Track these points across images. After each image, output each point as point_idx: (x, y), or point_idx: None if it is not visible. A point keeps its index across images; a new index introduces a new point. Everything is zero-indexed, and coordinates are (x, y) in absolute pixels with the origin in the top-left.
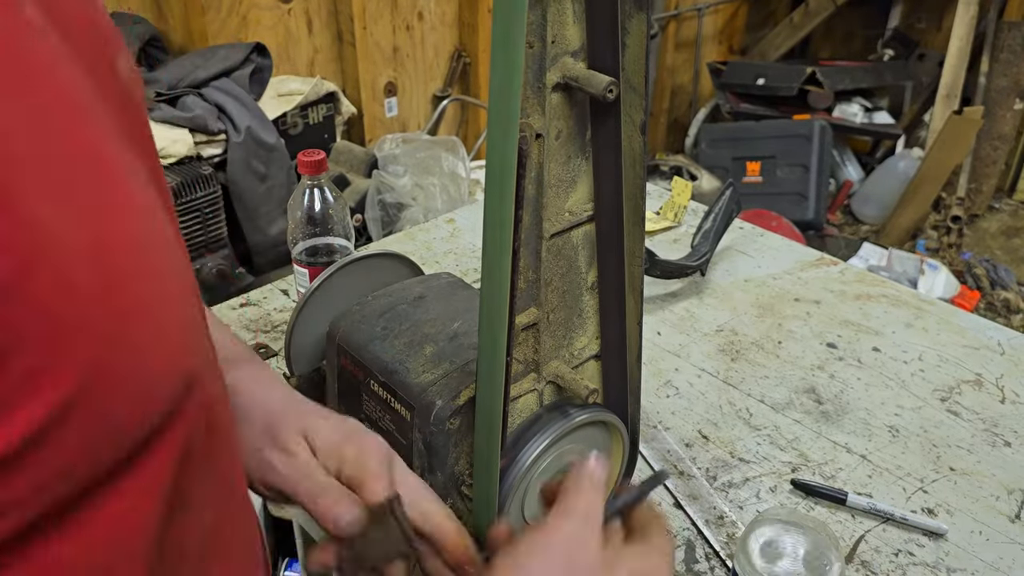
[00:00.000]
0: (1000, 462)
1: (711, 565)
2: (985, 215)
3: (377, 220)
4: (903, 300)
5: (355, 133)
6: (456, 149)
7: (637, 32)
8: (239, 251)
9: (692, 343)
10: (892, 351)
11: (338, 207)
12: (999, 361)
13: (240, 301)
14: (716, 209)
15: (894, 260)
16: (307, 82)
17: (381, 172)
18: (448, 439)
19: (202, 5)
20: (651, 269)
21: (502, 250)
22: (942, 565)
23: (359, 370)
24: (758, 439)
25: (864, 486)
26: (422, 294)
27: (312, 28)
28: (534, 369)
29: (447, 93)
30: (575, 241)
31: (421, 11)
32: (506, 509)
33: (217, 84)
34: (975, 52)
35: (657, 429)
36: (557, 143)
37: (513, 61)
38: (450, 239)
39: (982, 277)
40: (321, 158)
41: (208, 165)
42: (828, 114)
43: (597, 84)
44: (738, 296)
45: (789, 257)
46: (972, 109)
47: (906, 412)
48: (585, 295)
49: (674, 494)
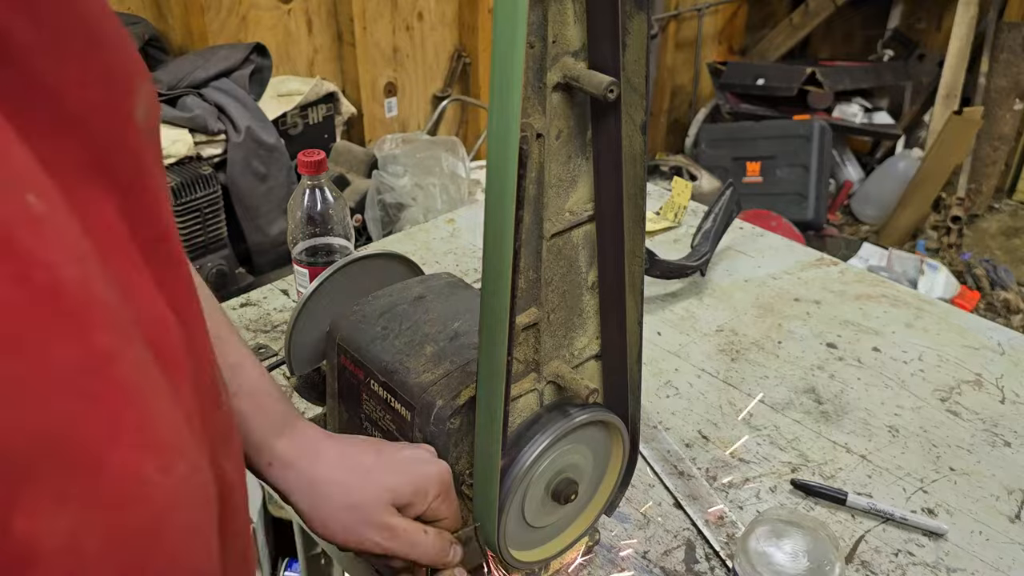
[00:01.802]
0: (1000, 462)
1: (711, 565)
2: (985, 215)
3: (377, 220)
4: (903, 300)
5: (355, 133)
6: (456, 149)
7: (638, 32)
8: (239, 251)
9: (692, 343)
10: (892, 351)
11: (338, 207)
12: (999, 361)
13: (240, 301)
14: (716, 209)
15: (894, 260)
16: (307, 82)
17: (381, 172)
18: (448, 439)
19: (202, 5)
20: (651, 269)
21: (502, 250)
22: (942, 565)
23: (359, 370)
24: (758, 439)
25: (864, 486)
26: (422, 294)
27: (312, 28)
28: (534, 369)
29: (447, 93)
30: (575, 241)
31: (421, 11)
32: (506, 509)
33: (217, 84)
34: (975, 52)
35: (657, 429)
36: (558, 143)
37: (514, 61)
38: (450, 239)
39: (982, 277)
40: (321, 158)
41: (208, 165)
42: (828, 114)
43: (598, 84)
44: (738, 296)
45: (789, 257)
46: (972, 109)
47: (906, 412)
48: (585, 295)
49: (674, 494)
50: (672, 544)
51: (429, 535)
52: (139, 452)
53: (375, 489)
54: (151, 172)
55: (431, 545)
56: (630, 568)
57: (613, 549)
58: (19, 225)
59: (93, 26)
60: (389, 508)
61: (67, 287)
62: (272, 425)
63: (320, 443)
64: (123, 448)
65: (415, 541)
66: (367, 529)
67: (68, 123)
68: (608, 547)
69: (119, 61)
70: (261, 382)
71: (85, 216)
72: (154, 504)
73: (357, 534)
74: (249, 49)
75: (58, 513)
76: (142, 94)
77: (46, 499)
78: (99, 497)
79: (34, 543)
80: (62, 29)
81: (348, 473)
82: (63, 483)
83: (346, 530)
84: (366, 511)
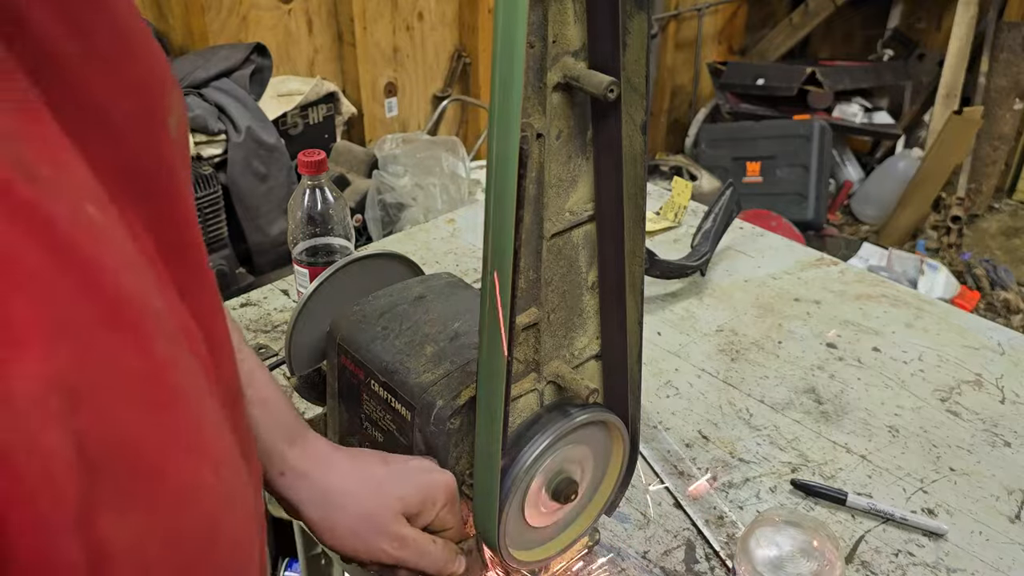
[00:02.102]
0: (1000, 462)
1: (711, 565)
2: (985, 215)
3: (377, 220)
4: (903, 300)
5: (355, 133)
6: (456, 149)
7: (638, 32)
8: (239, 251)
9: (692, 343)
10: (892, 351)
11: (338, 207)
12: (999, 361)
13: (240, 301)
14: (716, 209)
15: (894, 260)
16: (307, 82)
17: (381, 172)
18: (449, 439)
19: (202, 5)
20: (651, 269)
21: (503, 250)
22: (942, 565)
23: (359, 370)
24: (758, 439)
25: (864, 486)
26: (422, 294)
27: (312, 28)
28: (534, 369)
29: (447, 93)
30: (576, 241)
31: (421, 11)
32: (506, 509)
33: (217, 84)
34: (975, 52)
35: (657, 429)
36: (558, 143)
37: (514, 61)
38: (450, 239)
39: (982, 277)
40: (321, 158)
41: (208, 165)
42: (828, 114)
43: (598, 84)
44: (738, 296)
45: (789, 257)
46: (972, 109)
47: (906, 412)
48: (585, 295)
49: (674, 494)
50: (672, 544)
51: (438, 545)
52: (194, 457)
53: (386, 499)
54: (181, 181)
55: (439, 555)
56: (630, 568)
57: (613, 549)
58: (83, 234)
59: (127, 36)
60: (399, 518)
61: (128, 296)
62: (284, 435)
63: (331, 454)
64: (180, 453)
65: (424, 551)
66: (378, 539)
67: (109, 133)
68: (608, 547)
69: (151, 70)
70: (272, 391)
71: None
72: (209, 506)
73: (368, 544)
74: (249, 49)
75: (126, 516)
76: (173, 102)
77: (117, 502)
78: (161, 501)
79: (108, 545)
80: (101, 40)
81: (360, 483)
82: (131, 487)
83: (357, 540)
84: (378, 521)
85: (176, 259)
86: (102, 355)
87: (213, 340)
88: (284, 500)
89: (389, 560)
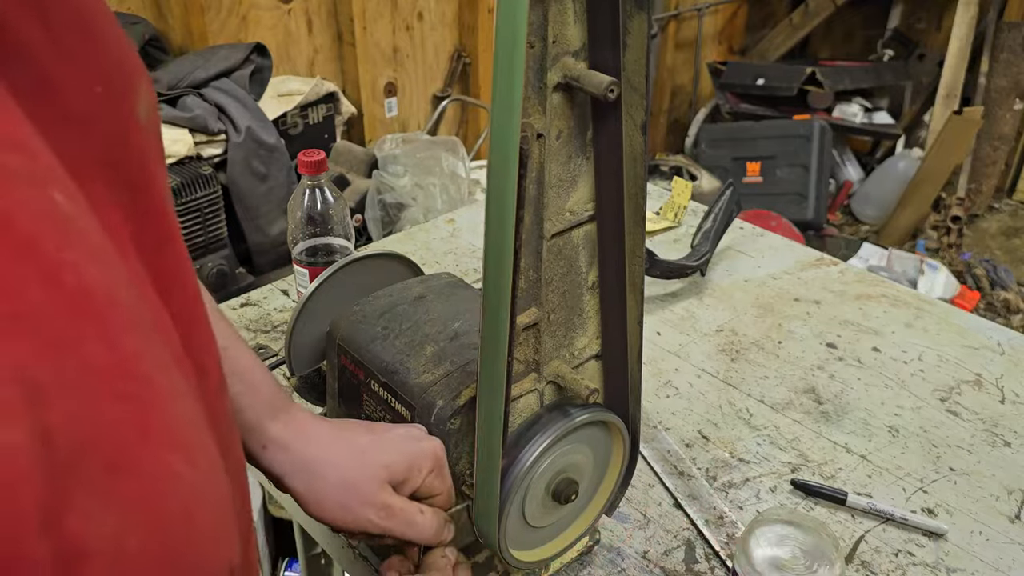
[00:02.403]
0: (1000, 462)
1: (711, 565)
2: (985, 215)
3: (377, 220)
4: (903, 300)
5: (355, 133)
6: (456, 149)
7: (638, 32)
8: (239, 251)
9: (692, 343)
10: (892, 351)
11: (338, 207)
12: (999, 361)
13: (240, 301)
14: (716, 209)
15: (894, 260)
16: (307, 82)
17: (381, 172)
18: (449, 439)
19: (202, 5)
20: (651, 269)
21: (503, 250)
22: (942, 565)
23: (359, 370)
24: (758, 439)
25: (864, 486)
26: (422, 294)
27: (312, 28)
28: (535, 369)
29: (447, 93)
30: (576, 241)
31: (421, 11)
32: (506, 509)
33: (217, 84)
34: (975, 52)
35: (657, 429)
36: (558, 143)
37: (514, 61)
38: (450, 239)
39: (982, 277)
40: (321, 158)
41: (208, 165)
42: (828, 114)
43: (598, 84)
44: (738, 296)
45: (789, 257)
46: (972, 109)
47: (906, 412)
48: (586, 295)
49: (674, 494)
50: (672, 544)
51: (426, 515)
52: (167, 449)
53: (371, 467)
54: (154, 171)
55: (427, 524)
56: (630, 568)
57: (613, 549)
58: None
59: (92, 23)
60: (385, 486)
61: (93, 288)
62: (265, 407)
63: (314, 425)
64: (153, 446)
65: (411, 520)
66: (364, 508)
67: (74, 121)
68: (608, 547)
69: (118, 58)
70: (251, 364)
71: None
72: (184, 498)
73: (354, 513)
74: (249, 49)
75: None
76: (142, 92)
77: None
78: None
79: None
80: (64, 25)
81: (343, 453)
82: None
83: (343, 509)
84: (362, 490)
85: (152, 250)
86: (65, 347)
87: (191, 332)
88: (269, 473)
89: (376, 530)
